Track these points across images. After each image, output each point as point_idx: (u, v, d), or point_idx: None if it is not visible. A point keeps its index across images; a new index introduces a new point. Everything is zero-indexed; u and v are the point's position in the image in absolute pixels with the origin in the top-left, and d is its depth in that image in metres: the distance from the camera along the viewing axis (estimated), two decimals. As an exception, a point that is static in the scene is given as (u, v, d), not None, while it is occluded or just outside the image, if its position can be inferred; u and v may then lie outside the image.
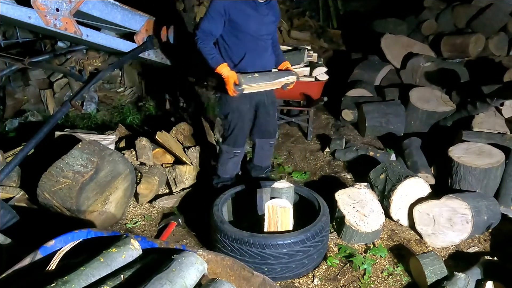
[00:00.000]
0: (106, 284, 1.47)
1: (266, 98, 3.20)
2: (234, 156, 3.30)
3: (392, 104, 4.67)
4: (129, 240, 1.68)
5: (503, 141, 3.57)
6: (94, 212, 2.91)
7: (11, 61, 3.74)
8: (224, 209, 2.88)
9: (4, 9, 3.07)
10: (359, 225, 2.86)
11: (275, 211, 2.54)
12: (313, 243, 2.52)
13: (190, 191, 3.52)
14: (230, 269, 1.76)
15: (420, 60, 5.33)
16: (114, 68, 4.02)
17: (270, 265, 2.46)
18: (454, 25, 6.29)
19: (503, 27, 5.84)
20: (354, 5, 8.30)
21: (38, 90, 5.22)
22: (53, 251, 1.67)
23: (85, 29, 3.66)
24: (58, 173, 2.82)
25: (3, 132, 4.70)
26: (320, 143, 4.57)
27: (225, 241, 2.51)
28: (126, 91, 5.64)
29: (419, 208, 2.96)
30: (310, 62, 4.53)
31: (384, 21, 6.65)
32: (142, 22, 4.01)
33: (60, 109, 3.27)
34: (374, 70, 5.63)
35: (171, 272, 1.50)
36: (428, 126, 4.55)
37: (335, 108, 5.09)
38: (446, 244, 2.93)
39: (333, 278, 2.63)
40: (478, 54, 5.70)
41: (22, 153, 2.89)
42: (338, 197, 3.01)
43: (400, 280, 2.63)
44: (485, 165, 3.18)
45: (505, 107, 4.01)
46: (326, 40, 7.48)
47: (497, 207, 3.06)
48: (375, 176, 3.31)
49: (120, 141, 3.77)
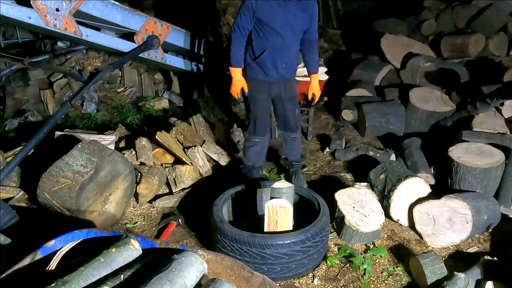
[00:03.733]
0: (106, 284, 1.47)
1: (284, 93, 3.27)
2: (254, 145, 3.42)
3: (392, 104, 4.67)
4: (129, 240, 1.68)
5: (503, 141, 3.57)
6: (94, 212, 2.91)
7: (11, 61, 3.74)
8: (224, 209, 2.88)
9: (4, 9, 3.07)
10: (359, 225, 2.86)
11: (275, 211, 2.54)
12: (313, 243, 2.52)
13: (190, 191, 3.52)
14: (230, 269, 1.76)
15: (420, 60, 5.33)
16: (114, 68, 4.01)
17: (270, 265, 2.46)
18: (454, 25, 6.29)
19: (503, 27, 5.84)
20: (354, 5, 8.29)
21: (38, 90, 5.22)
22: (53, 251, 1.67)
23: (85, 29, 3.67)
24: (58, 173, 2.82)
25: (3, 132, 4.70)
26: (320, 143, 4.57)
27: (225, 241, 2.51)
28: (126, 91, 5.65)
29: (419, 208, 2.96)
30: (310, 62, 4.52)
31: (384, 21, 6.64)
32: (142, 22, 4.02)
33: (60, 109, 3.27)
34: (374, 70, 5.63)
35: (171, 272, 1.50)
36: (428, 126, 4.55)
37: (335, 108, 5.09)
38: (446, 244, 2.93)
39: (333, 278, 2.63)
40: (478, 54, 5.69)
41: (22, 153, 2.89)
42: (338, 197, 3.01)
43: (400, 280, 2.63)
44: (485, 165, 3.18)
45: (505, 107, 4.01)
46: (326, 40, 7.48)
47: (497, 207, 3.06)
48: (375, 176, 3.31)
49: (120, 141, 3.77)
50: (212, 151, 3.93)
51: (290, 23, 3.01)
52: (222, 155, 3.95)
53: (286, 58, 3.14)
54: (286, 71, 3.20)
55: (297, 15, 3.01)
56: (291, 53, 3.16)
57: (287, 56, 3.14)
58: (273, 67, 3.14)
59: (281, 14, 2.97)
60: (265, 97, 3.26)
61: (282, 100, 3.31)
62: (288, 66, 3.19)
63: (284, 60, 3.14)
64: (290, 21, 3.00)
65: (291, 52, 3.15)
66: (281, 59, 3.12)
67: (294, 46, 3.16)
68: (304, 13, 3.04)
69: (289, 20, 2.99)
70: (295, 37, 3.11)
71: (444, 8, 6.44)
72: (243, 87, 3.21)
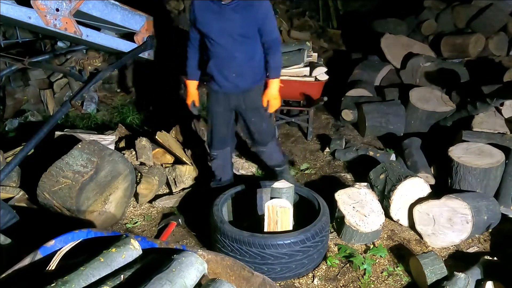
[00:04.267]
0: (106, 284, 1.47)
1: (244, 104, 3.03)
2: (214, 158, 3.27)
3: (392, 104, 4.67)
4: (129, 240, 1.68)
5: (503, 141, 3.56)
6: (94, 212, 2.92)
7: (11, 61, 3.75)
8: (224, 209, 2.88)
9: (4, 9, 3.07)
10: (359, 225, 2.86)
11: (275, 211, 2.54)
12: (313, 243, 2.52)
13: (190, 191, 3.52)
14: (230, 269, 1.76)
15: (420, 60, 5.32)
16: (114, 68, 4.02)
17: (270, 265, 2.46)
18: (454, 25, 6.29)
19: (503, 27, 5.84)
20: (354, 5, 8.29)
21: (38, 90, 5.22)
22: (53, 251, 1.67)
23: (85, 29, 3.66)
24: (58, 173, 2.82)
25: (3, 132, 4.70)
26: (320, 143, 4.57)
27: (225, 241, 2.51)
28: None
29: (419, 208, 2.96)
30: (310, 62, 4.53)
31: (384, 21, 6.65)
32: (142, 22, 4.01)
33: (60, 109, 3.27)
34: (374, 70, 5.62)
35: (171, 272, 1.50)
36: (428, 126, 4.55)
37: (335, 108, 5.09)
38: (446, 244, 2.93)
39: (333, 278, 2.63)
40: (478, 54, 5.69)
41: (22, 153, 2.89)
42: (338, 197, 3.01)
43: (400, 280, 2.63)
44: (485, 165, 3.18)
45: (505, 107, 4.01)
46: (326, 40, 7.48)
47: (497, 207, 3.06)
48: (375, 176, 3.31)
49: (120, 141, 3.77)
50: (212, 151, 3.93)
51: (227, 29, 2.77)
52: (222, 155, 3.94)
53: (233, 67, 2.89)
54: (240, 80, 2.93)
55: (234, 20, 2.75)
56: (238, 61, 2.87)
57: (234, 64, 2.88)
58: (222, 77, 2.93)
59: (217, 21, 2.76)
60: (221, 109, 3.05)
61: (243, 111, 3.08)
62: (239, 75, 2.92)
63: (232, 69, 2.90)
64: (226, 27, 2.77)
65: (238, 60, 2.86)
66: (228, 69, 2.90)
67: (240, 53, 2.86)
68: (245, 15, 2.75)
69: (225, 26, 2.76)
70: (238, 43, 2.82)
71: (444, 8, 6.45)
72: (194, 101, 3.11)
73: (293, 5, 7.96)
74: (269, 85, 3.03)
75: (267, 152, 3.34)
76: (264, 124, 3.16)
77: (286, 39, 6.72)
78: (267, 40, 2.92)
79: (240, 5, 2.73)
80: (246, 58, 2.90)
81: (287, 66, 4.33)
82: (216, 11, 2.75)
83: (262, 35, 2.88)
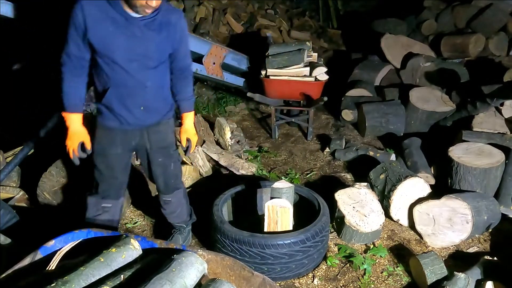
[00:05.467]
0: (106, 284, 1.47)
1: (149, 142, 2.40)
2: (103, 212, 2.46)
3: (392, 104, 4.67)
4: (129, 240, 1.68)
5: (503, 141, 3.57)
6: (94, 212, 2.91)
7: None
8: (224, 209, 2.88)
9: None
10: (359, 225, 2.86)
11: (275, 211, 2.54)
12: (313, 243, 2.52)
13: (190, 191, 3.52)
14: (230, 269, 1.76)
15: (420, 60, 5.33)
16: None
17: (270, 265, 2.46)
18: (454, 25, 6.29)
19: (503, 27, 5.84)
20: (354, 5, 8.30)
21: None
22: (53, 251, 1.67)
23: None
24: (58, 173, 2.82)
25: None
26: (320, 143, 4.57)
27: (225, 241, 2.52)
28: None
29: (419, 208, 2.96)
30: (310, 62, 4.53)
31: (384, 21, 6.65)
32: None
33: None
34: (374, 70, 5.63)
35: (171, 272, 1.50)
36: (428, 126, 4.55)
37: (335, 108, 5.09)
38: (446, 244, 2.93)
39: (333, 278, 2.63)
40: (478, 54, 5.69)
41: (22, 153, 2.89)
42: (338, 197, 3.01)
43: (400, 280, 2.63)
44: (485, 165, 3.18)
45: (505, 107, 4.01)
46: (326, 40, 7.48)
47: (497, 207, 3.06)
48: (375, 176, 3.31)
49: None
50: (212, 151, 3.93)
51: (137, 51, 2.13)
52: (222, 155, 3.94)
53: (141, 98, 2.24)
54: (149, 115, 2.31)
55: (148, 39, 2.13)
56: (149, 91, 2.24)
57: (143, 95, 2.23)
58: (126, 111, 2.25)
59: (122, 39, 2.08)
60: (119, 151, 2.35)
61: (147, 152, 2.43)
62: (148, 109, 2.29)
63: (140, 102, 2.24)
64: (136, 48, 2.12)
65: (148, 90, 2.23)
66: (133, 101, 2.23)
67: (152, 82, 2.23)
68: (162, 34, 2.16)
69: (134, 47, 2.11)
70: (151, 68, 2.21)
71: (444, 8, 6.45)
72: (84, 142, 2.26)
73: (293, 5, 7.96)
74: (184, 120, 2.50)
75: (173, 203, 2.66)
76: (173, 165, 2.53)
77: (286, 39, 6.72)
78: (181, 67, 2.37)
79: (156, 20, 2.12)
80: (160, 86, 2.33)
81: (287, 66, 4.33)
82: (121, 25, 2.07)
83: (174, 60, 2.33)
